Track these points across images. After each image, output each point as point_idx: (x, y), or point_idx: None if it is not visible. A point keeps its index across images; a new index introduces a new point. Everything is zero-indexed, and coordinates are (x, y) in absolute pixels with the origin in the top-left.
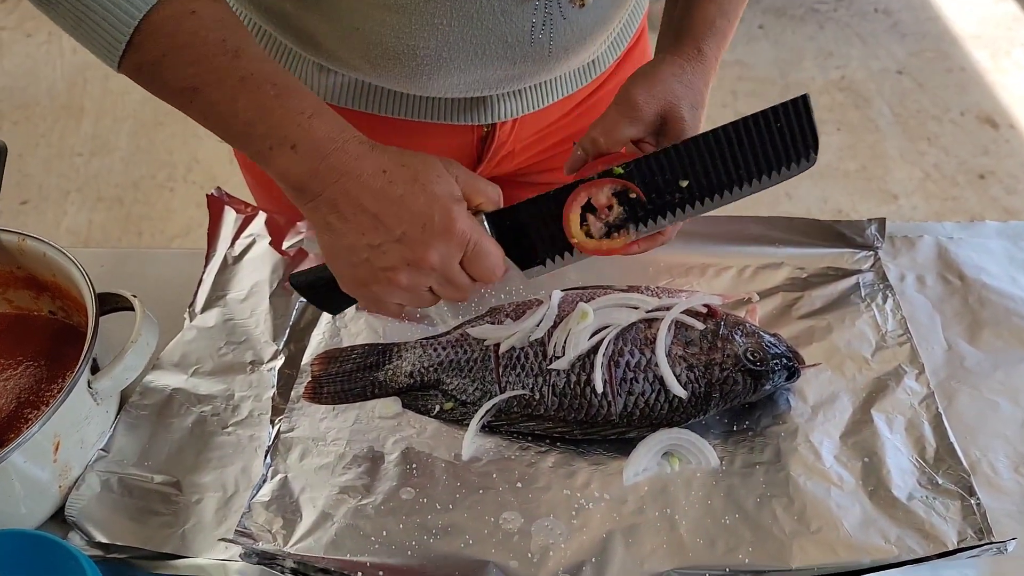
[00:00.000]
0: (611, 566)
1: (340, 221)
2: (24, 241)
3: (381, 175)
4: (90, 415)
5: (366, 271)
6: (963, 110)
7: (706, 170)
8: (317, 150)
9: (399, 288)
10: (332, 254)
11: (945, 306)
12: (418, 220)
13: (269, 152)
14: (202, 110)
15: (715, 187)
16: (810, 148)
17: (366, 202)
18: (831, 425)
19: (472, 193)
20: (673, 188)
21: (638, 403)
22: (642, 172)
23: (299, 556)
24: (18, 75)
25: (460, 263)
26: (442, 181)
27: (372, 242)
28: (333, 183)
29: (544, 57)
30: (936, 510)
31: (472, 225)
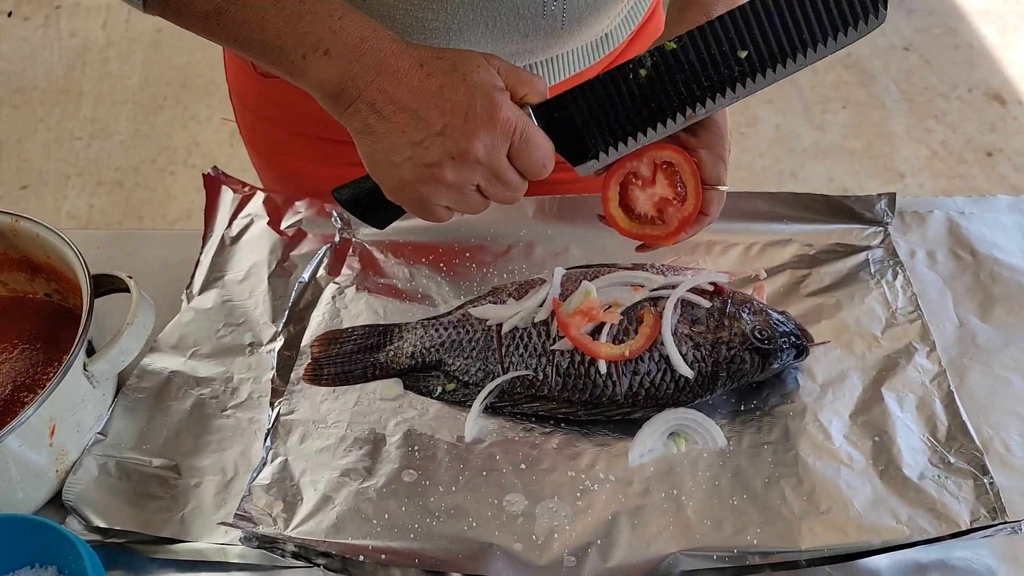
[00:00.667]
0: (616, 548)
1: (380, 122)
2: (17, 222)
3: (418, 69)
4: (86, 398)
5: (410, 170)
6: (970, 86)
7: (766, 37)
8: (351, 52)
9: (445, 186)
10: (374, 160)
11: (956, 282)
12: (460, 110)
13: (303, 61)
14: (230, 30)
15: (777, 55)
16: (878, 2)
17: (404, 98)
18: (840, 404)
19: (516, 84)
20: (731, 60)
21: (643, 383)
22: (696, 45)
23: (300, 540)
24: (15, 59)
25: (508, 156)
26: (483, 70)
27: (414, 139)
28: (369, 83)
29: (556, 30)
30: (948, 489)
31: (518, 114)
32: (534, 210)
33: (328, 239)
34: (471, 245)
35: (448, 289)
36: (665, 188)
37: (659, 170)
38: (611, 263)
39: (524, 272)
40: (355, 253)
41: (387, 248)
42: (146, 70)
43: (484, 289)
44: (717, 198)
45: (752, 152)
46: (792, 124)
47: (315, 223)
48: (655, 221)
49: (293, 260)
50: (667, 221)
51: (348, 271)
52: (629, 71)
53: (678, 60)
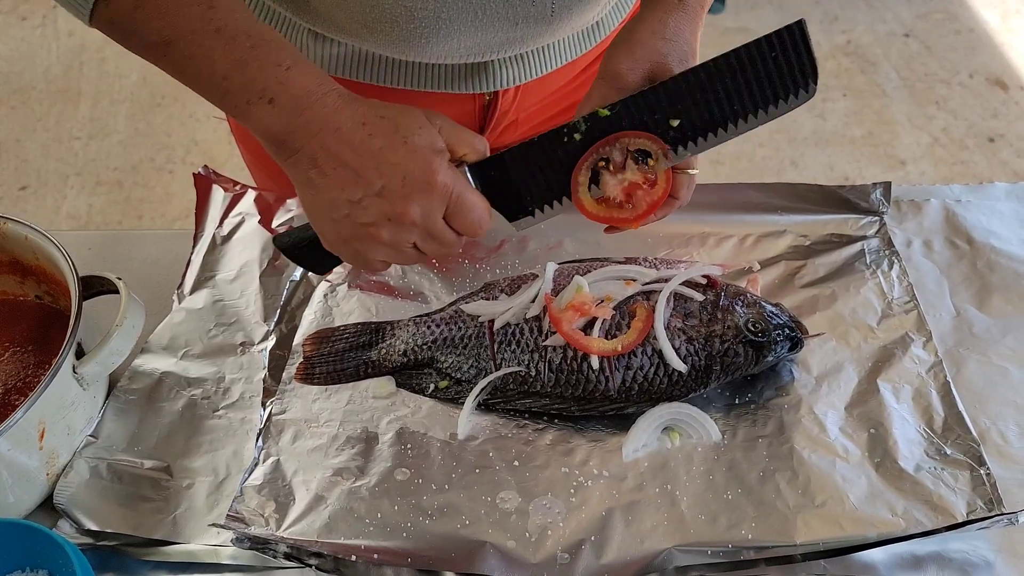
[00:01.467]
0: (610, 544)
1: (320, 176)
2: (5, 224)
3: (360, 128)
4: (76, 400)
5: (348, 227)
6: (972, 72)
7: (697, 107)
8: (295, 104)
9: (382, 244)
10: (313, 211)
11: (953, 271)
12: (398, 173)
13: (247, 107)
14: (176, 64)
15: (708, 125)
16: (808, 78)
17: (345, 156)
18: (836, 396)
19: (456, 144)
20: (664, 128)
21: (636, 378)
22: (629, 113)
23: (292, 540)
24: (14, 59)
25: (444, 217)
26: (424, 132)
27: (352, 197)
28: (312, 137)
29: (547, 17)
30: (944, 481)
31: (454, 177)
32: None
33: None
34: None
35: (440, 285)
36: (635, 173)
37: (630, 155)
38: (604, 257)
39: (517, 267)
40: None
41: None
42: (144, 69)
43: (476, 285)
44: (687, 182)
45: (752, 142)
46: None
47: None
48: (623, 205)
49: (284, 258)
50: (635, 205)
51: (339, 268)
52: (564, 135)
53: (611, 126)
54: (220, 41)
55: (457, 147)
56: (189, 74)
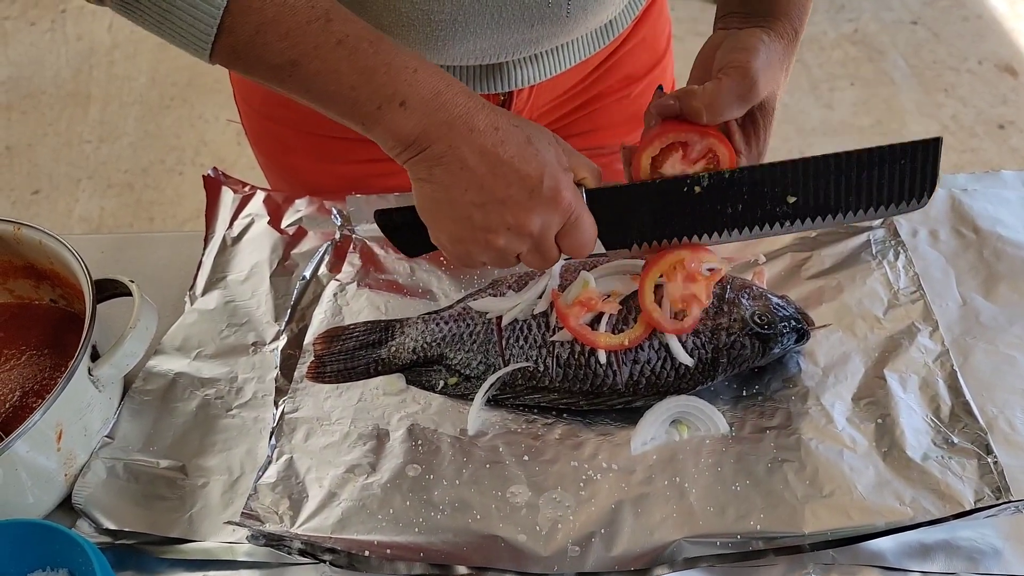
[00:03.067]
0: (620, 537)
1: (445, 175)
2: (20, 230)
3: (494, 132)
4: (92, 402)
5: (465, 228)
6: (980, 59)
7: (817, 191)
8: (426, 104)
9: (493, 249)
10: (430, 205)
11: (959, 260)
12: (527, 184)
13: (377, 112)
14: (303, 82)
15: (821, 210)
16: (925, 192)
17: (474, 159)
18: (843, 387)
19: (576, 167)
20: (780, 202)
21: (644, 371)
22: (752, 179)
23: (306, 536)
24: (23, 64)
25: (555, 234)
26: (553, 149)
27: (475, 200)
28: (441, 137)
29: (562, 18)
30: (952, 470)
31: (576, 197)
32: None
33: (329, 236)
34: None
35: (448, 283)
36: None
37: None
38: None
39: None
40: (356, 249)
41: (387, 243)
42: (152, 71)
43: (484, 282)
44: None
45: None
46: (800, 103)
47: (315, 221)
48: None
49: (294, 259)
50: (687, 318)
51: (349, 268)
52: (686, 185)
53: (732, 187)
54: (344, 52)
55: (577, 169)
56: (316, 90)
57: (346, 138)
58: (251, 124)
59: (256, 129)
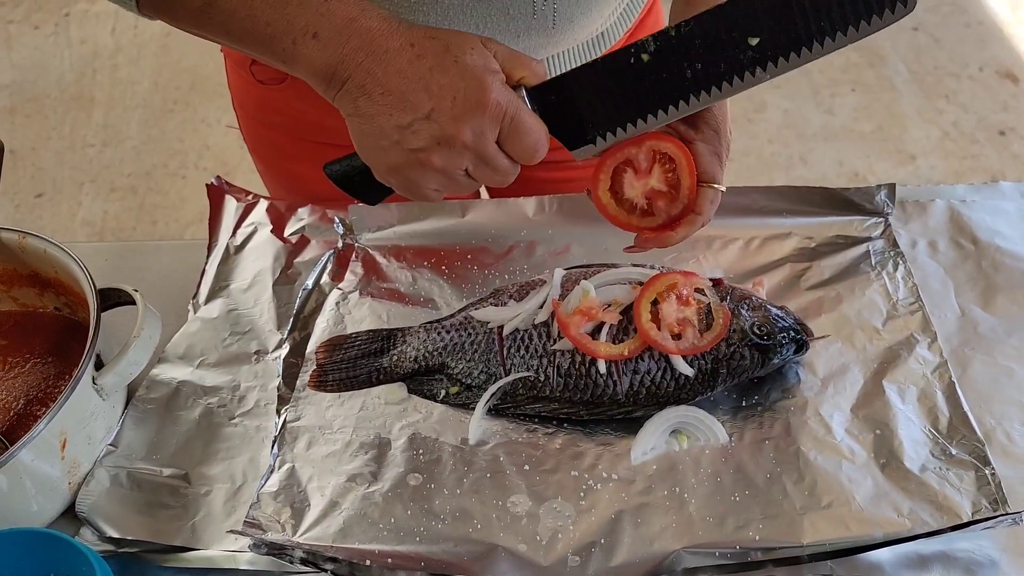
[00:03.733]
0: (620, 547)
1: (368, 103)
2: (24, 239)
3: (409, 48)
4: (96, 411)
5: (398, 154)
6: (982, 65)
7: (780, 24)
8: (340, 33)
9: (433, 170)
10: (363, 143)
11: (958, 271)
12: (448, 93)
13: (293, 47)
14: (221, 22)
15: (791, 43)
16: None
17: (392, 80)
18: (842, 398)
19: (513, 66)
20: (741, 47)
21: (644, 382)
22: (704, 31)
23: (308, 545)
24: (27, 68)
25: (498, 141)
26: (476, 52)
27: (401, 122)
28: (359, 65)
29: (548, 29)
30: (950, 481)
31: (509, 98)
32: (534, 210)
33: (331, 245)
34: (472, 247)
35: (450, 292)
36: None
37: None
38: (612, 263)
39: (525, 272)
40: (358, 258)
41: (389, 252)
42: (156, 75)
43: (486, 291)
44: (711, 196)
45: (761, 138)
46: (801, 108)
47: (318, 229)
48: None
49: (297, 267)
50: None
51: (351, 276)
52: (631, 55)
53: (683, 45)
54: None
55: (514, 70)
56: (234, 29)
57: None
58: (248, 130)
59: (253, 135)
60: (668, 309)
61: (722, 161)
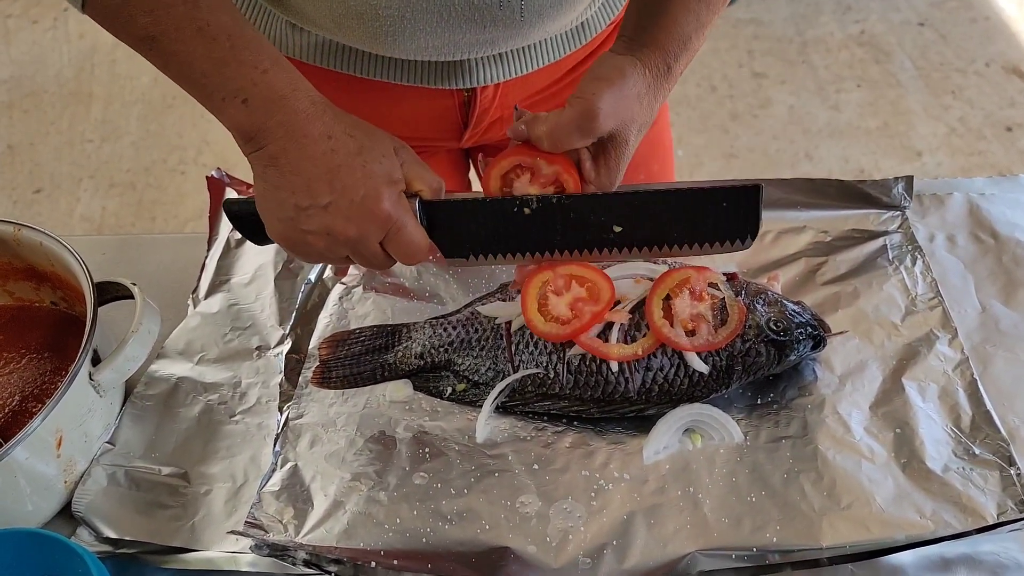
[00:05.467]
0: (633, 549)
1: (277, 175)
2: (20, 231)
3: (326, 141)
4: (93, 407)
5: (289, 228)
6: (988, 61)
7: (642, 223)
8: (267, 107)
9: (315, 250)
10: (263, 203)
11: (978, 266)
12: (347, 194)
13: (222, 103)
14: (161, 59)
15: (645, 241)
16: (748, 234)
17: (304, 165)
18: (860, 395)
19: (413, 179)
20: (606, 231)
21: (656, 379)
22: (579, 206)
23: (311, 547)
24: (25, 63)
25: (381, 242)
26: (385, 161)
27: (300, 203)
28: (277, 139)
29: (516, 21)
30: (973, 482)
31: (400, 209)
32: None
33: None
34: None
35: (456, 287)
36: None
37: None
38: None
39: None
40: None
41: None
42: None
43: (492, 286)
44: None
45: (766, 134)
46: (806, 105)
47: None
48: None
49: (299, 262)
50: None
51: (354, 271)
52: (516, 205)
53: (560, 212)
54: (202, 40)
55: (414, 182)
56: (173, 69)
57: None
58: None
59: None
60: (681, 305)
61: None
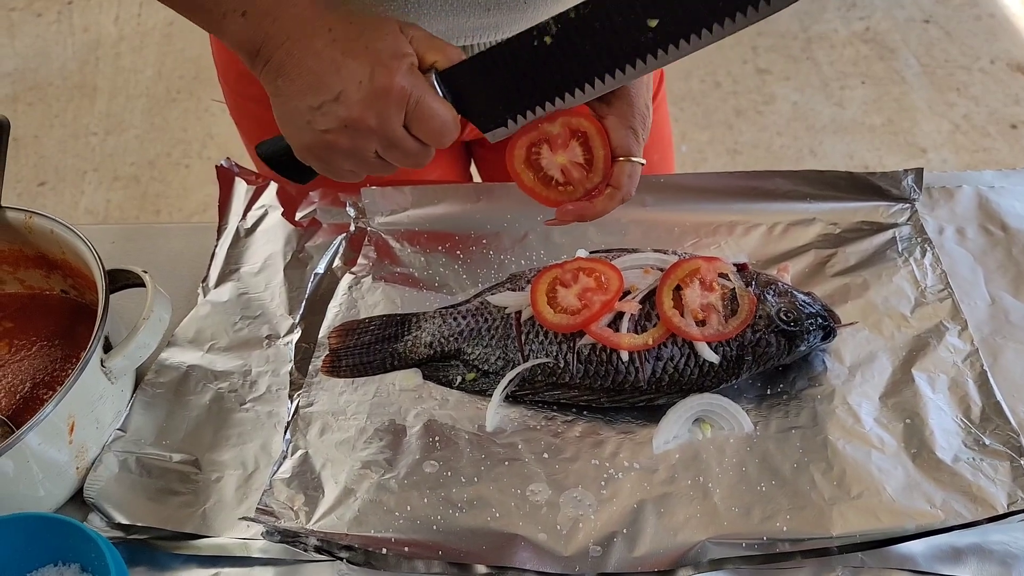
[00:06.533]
0: (643, 537)
1: (286, 83)
2: (31, 218)
3: (326, 33)
4: (104, 394)
5: (309, 135)
6: (993, 58)
7: (678, 6)
8: (266, 14)
9: (343, 152)
10: (282, 119)
11: (987, 258)
12: (355, 77)
13: (222, 20)
14: None
15: (690, 25)
16: None
17: (308, 62)
18: (870, 386)
19: (426, 51)
20: (642, 29)
21: (667, 369)
22: (604, 12)
23: (322, 533)
24: (30, 56)
25: (404, 124)
26: (389, 39)
27: (312, 103)
28: (280, 45)
29: (520, 5)
30: (984, 472)
31: (415, 82)
32: None
33: (343, 229)
34: (488, 232)
35: (465, 277)
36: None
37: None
38: (632, 248)
39: (542, 258)
40: (370, 242)
41: (403, 236)
42: (159, 64)
43: (502, 276)
44: (629, 170)
45: (770, 130)
46: (810, 101)
47: (329, 213)
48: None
49: (308, 251)
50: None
51: (364, 261)
52: (534, 37)
53: (584, 27)
54: None
55: (427, 54)
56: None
57: None
58: (231, 103)
59: (235, 108)
60: (691, 295)
61: (638, 135)
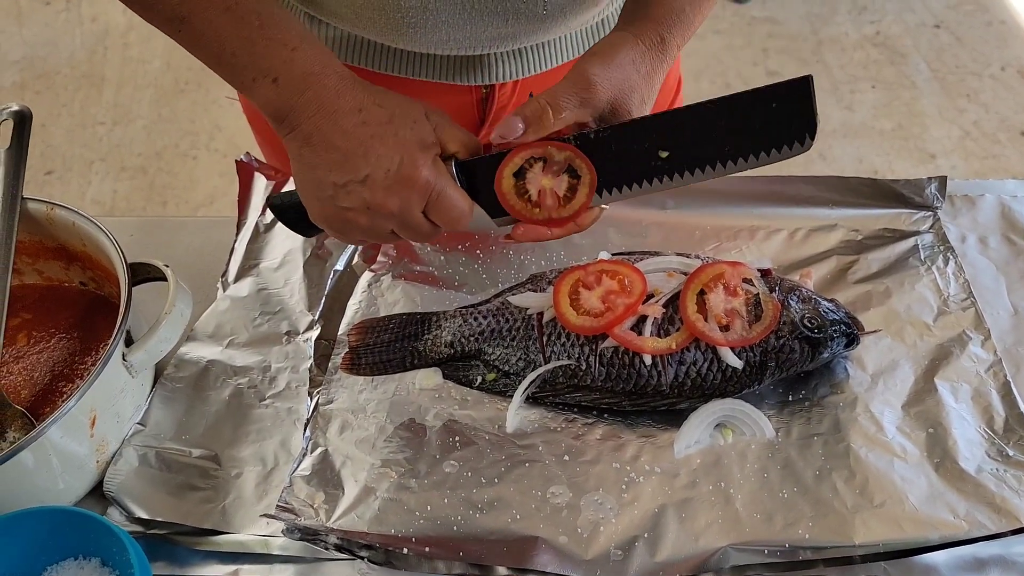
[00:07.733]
0: (664, 542)
1: (312, 154)
2: (53, 210)
3: (356, 113)
4: (125, 388)
5: (330, 207)
6: (1004, 64)
7: (689, 142)
8: (297, 84)
9: (359, 227)
10: (302, 185)
11: (1010, 268)
12: (383, 164)
13: (252, 83)
14: (190, 39)
15: (697, 161)
16: (806, 133)
17: (337, 140)
18: (892, 394)
19: (448, 140)
20: (652, 158)
21: (689, 373)
22: (620, 136)
23: (343, 532)
24: (38, 44)
25: (424, 210)
26: (417, 127)
27: (338, 180)
28: (309, 118)
29: (539, 15)
30: (1007, 483)
31: (437, 174)
32: None
33: None
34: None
35: (485, 276)
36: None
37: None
38: (653, 251)
39: (562, 259)
40: None
41: None
42: (167, 54)
43: (522, 276)
44: (596, 215)
45: None
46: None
47: None
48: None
49: (328, 247)
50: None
51: (383, 258)
52: None
53: (600, 146)
54: (231, 19)
55: (449, 144)
56: (202, 49)
57: None
58: (246, 103)
59: (251, 108)
60: (715, 300)
61: None
